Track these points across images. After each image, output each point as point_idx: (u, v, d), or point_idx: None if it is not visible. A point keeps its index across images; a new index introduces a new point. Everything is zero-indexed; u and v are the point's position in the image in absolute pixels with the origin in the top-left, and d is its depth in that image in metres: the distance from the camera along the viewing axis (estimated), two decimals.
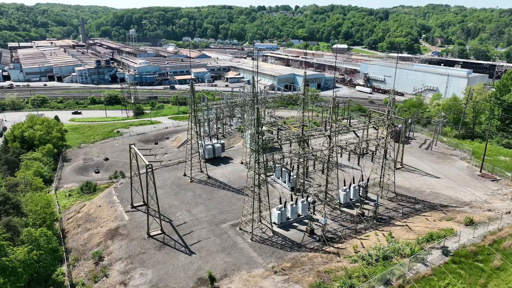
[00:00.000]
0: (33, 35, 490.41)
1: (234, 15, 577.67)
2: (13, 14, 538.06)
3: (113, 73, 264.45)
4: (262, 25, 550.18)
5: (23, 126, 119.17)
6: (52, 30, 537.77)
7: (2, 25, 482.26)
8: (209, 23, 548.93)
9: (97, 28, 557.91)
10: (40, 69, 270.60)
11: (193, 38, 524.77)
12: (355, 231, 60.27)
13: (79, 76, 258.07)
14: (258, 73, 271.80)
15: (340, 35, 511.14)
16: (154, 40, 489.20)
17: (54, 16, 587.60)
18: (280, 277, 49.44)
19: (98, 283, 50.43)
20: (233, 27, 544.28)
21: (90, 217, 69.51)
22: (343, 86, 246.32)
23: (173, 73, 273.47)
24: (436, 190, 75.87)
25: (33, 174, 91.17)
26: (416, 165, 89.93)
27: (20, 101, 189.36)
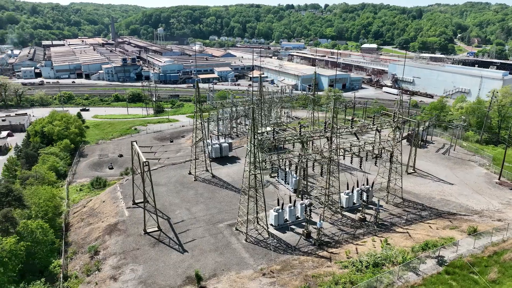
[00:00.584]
0: (66, 33, 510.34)
1: (261, 13, 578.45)
2: (48, 13, 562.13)
3: (138, 71, 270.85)
4: (289, 24, 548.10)
5: (44, 121, 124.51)
6: (84, 28, 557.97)
7: (38, 24, 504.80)
8: (236, 22, 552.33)
9: (126, 26, 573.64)
10: (70, 67, 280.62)
11: (219, 37, 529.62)
12: (353, 236, 59.22)
13: (106, 74, 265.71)
14: (282, 73, 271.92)
15: (370, 34, 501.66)
16: (181, 39, 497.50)
17: (87, 15, 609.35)
18: (268, 279, 49.35)
19: (90, 276, 52.12)
20: (260, 26, 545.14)
21: (94, 211, 71.85)
22: (369, 87, 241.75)
23: (197, 71, 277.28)
24: (446, 197, 73.32)
25: (48, 168, 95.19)
26: (429, 170, 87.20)
27: (48, 98, 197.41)
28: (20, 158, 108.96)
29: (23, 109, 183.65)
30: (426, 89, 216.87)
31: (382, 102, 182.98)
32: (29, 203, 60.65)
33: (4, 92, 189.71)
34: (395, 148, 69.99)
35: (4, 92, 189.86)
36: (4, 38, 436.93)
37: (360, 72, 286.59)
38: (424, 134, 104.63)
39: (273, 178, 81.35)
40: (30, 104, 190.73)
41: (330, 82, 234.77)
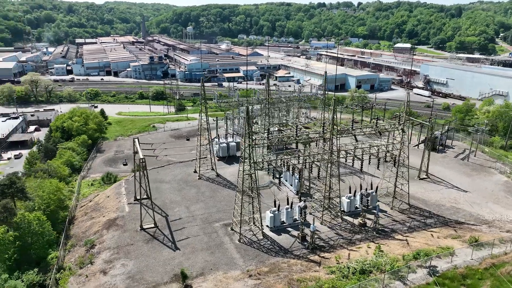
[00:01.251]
0: (99, 31, 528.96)
1: (291, 12, 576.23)
2: (83, 12, 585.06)
3: (165, 69, 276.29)
4: (320, 22, 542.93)
5: (64, 117, 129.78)
6: (117, 27, 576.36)
7: (73, 22, 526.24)
8: (265, 20, 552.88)
9: (157, 25, 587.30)
10: (99, 64, 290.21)
11: (248, 35, 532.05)
12: (349, 242, 58.16)
13: (133, 72, 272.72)
14: (308, 72, 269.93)
15: (404, 33, 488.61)
16: (210, 38, 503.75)
17: (119, 13, 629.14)
18: (253, 281, 49.38)
19: (82, 269, 54.04)
20: (290, 24, 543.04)
21: (98, 206, 74.32)
22: (399, 88, 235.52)
23: (222, 70, 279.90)
24: (457, 205, 70.59)
25: (63, 162, 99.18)
26: (444, 176, 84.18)
27: (76, 94, 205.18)
28: (40, 152, 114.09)
29: (52, 104, 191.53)
30: (460, 91, 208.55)
31: (411, 104, 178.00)
32: (33, 196, 63.60)
33: (35, 88, 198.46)
34: (401, 152, 67.97)
35: (35, 88, 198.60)
36: (41, 36, 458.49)
37: (391, 73, 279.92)
38: (443, 138, 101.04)
39: (277, 179, 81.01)
40: (59, 100, 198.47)
41: (357, 82, 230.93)
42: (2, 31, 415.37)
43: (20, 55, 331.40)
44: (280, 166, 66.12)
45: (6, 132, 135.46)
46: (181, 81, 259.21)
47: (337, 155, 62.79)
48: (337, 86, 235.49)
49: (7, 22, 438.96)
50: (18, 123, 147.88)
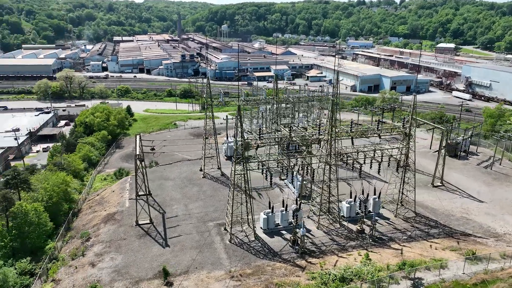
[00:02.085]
0: (137, 30, 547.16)
1: (329, 10, 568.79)
2: (122, 10, 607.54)
3: (196, 68, 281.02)
4: (358, 21, 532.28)
5: (87, 112, 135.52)
6: (154, 25, 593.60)
7: (112, 20, 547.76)
8: (302, 18, 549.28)
9: (192, 23, 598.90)
10: (133, 62, 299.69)
11: (283, 34, 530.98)
12: (342, 248, 56.96)
13: (165, 70, 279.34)
14: (341, 73, 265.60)
15: (448, 33, 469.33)
16: (245, 36, 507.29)
17: (157, 12, 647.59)
18: (234, 282, 49.57)
19: (74, 260, 56.40)
20: (327, 23, 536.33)
21: (102, 200, 77.18)
22: (438, 90, 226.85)
23: (253, 69, 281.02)
24: (469, 216, 67.26)
25: (81, 156, 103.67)
26: (461, 184, 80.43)
27: (107, 90, 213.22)
28: (62, 146, 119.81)
29: (84, 100, 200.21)
30: (505, 94, 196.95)
31: (449, 107, 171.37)
32: (38, 188, 67.09)
33: (69, 84, 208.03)
34: (407, 157, 65.64)
35: (70, 84, 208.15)
36: (82, 34, 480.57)
37: (430, 74, 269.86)
38: (467, 144, 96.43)
39: (282, 181, 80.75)
40: (91, 96, 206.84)
41: (392, 83, 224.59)
42: (45, 29, 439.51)
43: (60, 52, 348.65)
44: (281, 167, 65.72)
45: (37, 126, 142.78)
46: (211, 80, 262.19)
47: (336, 158, 61.61)
48: (370, 87, 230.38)
49: (50, 21, 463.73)
50: (49, 117, 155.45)
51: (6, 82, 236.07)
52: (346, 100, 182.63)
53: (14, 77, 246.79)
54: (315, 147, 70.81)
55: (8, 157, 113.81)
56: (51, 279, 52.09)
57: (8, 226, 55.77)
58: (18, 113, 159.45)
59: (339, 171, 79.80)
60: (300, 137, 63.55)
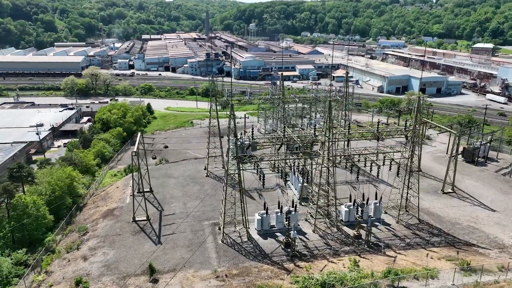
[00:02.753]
0: (166, 28, 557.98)
1: (360, 8, 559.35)
2: (152, 9, 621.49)
3: (220, 66, 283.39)
4: (390, 19, 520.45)
5: (105, 109, 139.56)
6: (182, 23, 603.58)
7: (142, 19, 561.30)
8: (331, 17, 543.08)
9: (221, 22, 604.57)
10: (159, 60, 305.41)
11: (312, 33, 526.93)
12: (334, 253, 56.12)
13: (190, 68, 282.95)
14: (367, 73, 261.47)
15: (487, 32, 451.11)
16: (272, 35, 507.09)
17: (186, 10, 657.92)
18: (217, 282, 49.89)
19: (69, 253, 58.37)
20: (357, 21, 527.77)
21: (106, 196, 79.40)
22: (471, 92, 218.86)
23: (277, 68, 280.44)
24: (476, 225, 64.68)
25: (94, 152, 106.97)
26: (475, 192, 77.41)
27: (130, 88, 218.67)
28: (79, 141, 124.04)
29: (108, 97, 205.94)
30: None
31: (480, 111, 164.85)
32: (42, 181, 69.84)
33: (95, 82, 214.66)
34: (409, 161, 63.83)
35: (95, 81, 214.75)
36: (111, 32, 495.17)
37: (463, 76, 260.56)
38: (486, 150, 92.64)
39: (285, 182, 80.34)
40: (115, 93, 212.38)
41: (421, 85, 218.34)
42: (77, 27, 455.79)
43: (89, 50, 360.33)
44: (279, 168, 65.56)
45: (60, 121, 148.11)
46: (235, 79, 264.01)
47: (333, 160, 60.74)
48: (398, 89, 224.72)
49: (82, 19, 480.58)
50: (73, 113, 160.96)
51: (37, 79, 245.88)
52: (371, 101, 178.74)
53: (44, 73, 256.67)
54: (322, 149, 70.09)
55: (30, 151, 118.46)
56: (44, 271, 54.12)
57: (9, 217, 58.43)
58: (44, 109, 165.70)
59: (345, 174, 79.01)
60: (295, 137, 63.07)
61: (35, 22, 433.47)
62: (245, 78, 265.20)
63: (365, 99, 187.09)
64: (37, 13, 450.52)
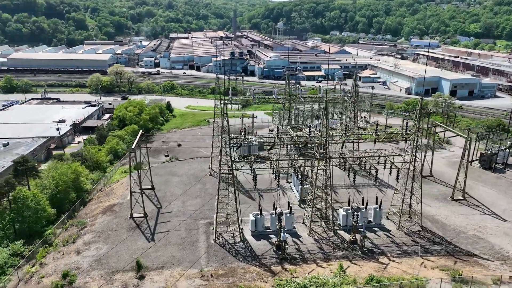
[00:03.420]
0: (194, 26, 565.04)
1: (392, 7, 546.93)
2: (181, 7, 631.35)
3: (244, 65, 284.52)
4: (424, 18, 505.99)
5: (122, 107, 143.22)
6: (210, 22, 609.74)
7: (170, 17, 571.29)
8: (362, 16, 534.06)
9: (248, 20, 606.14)
10: (184, 58, 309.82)
11: (341, 32, 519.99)
12: (325, 257, 55.43)
13: (214, 67, 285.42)
14: (395, 73, 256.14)
15: None
16: (300, 34, 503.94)
17: (215, 9, 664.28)
18: (201, 282, 50.35)
19: (65, 246, 60.42)
20: (389, 20, 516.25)
21: (111, 191, 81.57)
22: (507, 95, 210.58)
23: (302, 68, 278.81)
24: (483, 235, 62.22)
25: (108, 149, 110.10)
26: (487, 199, 74.48)
27: (153, 86, 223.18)
28: (96, 137, 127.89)
29: (131, 95, 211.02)
30: None
31: None
32: (47, 175, 72.58)
33: (119, 79, 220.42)
34: (411, 165, 62.06)
35: (120, 79, 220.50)
36: (140, 31, 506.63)
37: (499, 78, 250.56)
38: (505, 156, 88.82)
39: (288, 184, 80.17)
40: (138, 91, 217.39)
41: (452, 87, 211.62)
42: (107, 25, 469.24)
43: (117, 48, 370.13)
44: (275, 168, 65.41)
45: (81, 118, 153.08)
46: (258, 78, 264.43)
47: (329, 162, 59.97)
48: (427, 90, 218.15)
49: (112, 17, 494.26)
50: (94, 110, 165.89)
51: (66, 76, 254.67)
52: (397, 103, 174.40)
53: (73, 71, 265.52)
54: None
55: (50, 146, 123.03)
56: (38, 263, 56.28)
57: (10, 209, 61.12)
58: (68, 105, 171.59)
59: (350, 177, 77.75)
60: (289, 138, 62.73)
61: (67, 21, 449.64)
62: (269, 78, 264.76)
63: (390, 100, 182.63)
64: (69, 12, 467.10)
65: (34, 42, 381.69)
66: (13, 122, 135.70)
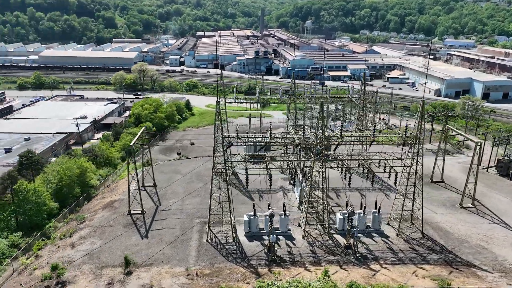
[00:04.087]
0: (221, 25, 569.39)
1: (426, 5, 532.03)
2: (209, 6, 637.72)
3: (269, 65, 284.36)
4: (460, 17, 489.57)
5: (138, 104, 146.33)
6: (238, 20, 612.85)
7: (198, 16, 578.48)
8: (393, 14, 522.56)
9: (276, 19, 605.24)
10: (208, 57, 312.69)
11: (372, 31, 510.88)
12: (315, 261, 54.85)
13: (238, 66, 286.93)
14: (425, 74, 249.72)
15: None
16: (329, 33, 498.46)
17: (243, 7, 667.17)
18: (186, 280, 50.91)
19: (61, 240, 62.47)
20: (422, 19, 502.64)
21: (115, 188, 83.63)
22: None
23: (327, 68, 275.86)
24: (488, 245, 59.84)
25: (120, 145, 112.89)
26: (499, 208, 71.64)
27: (176, 84, 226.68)
28: (112, 134, 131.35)
29: (153, 93, 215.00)
30: None
31: None
32: (52, 170, 75.20)
33: (143, 77, 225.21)
34: (410, 169, 60.42)
35: (143, 77, 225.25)
36: (168, 29, 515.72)
37: None
38: None
39: (290, 185, 79.76)
40: (161, 89, 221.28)
41: (484, 89, 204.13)
42: (135, 24, 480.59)
43: (143, 46, 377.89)
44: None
45: (102, 114, 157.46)
46: (282, 77, 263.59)
47: (324, 164, 59.23)
48: (458, 92, 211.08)
49: (141, 16, 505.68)
50: (115, 107, 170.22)
51: (93, 73, 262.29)
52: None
53: (100, 68, 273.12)
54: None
55: (69, 142, 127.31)
56: (34, 255, 58.48)
57: (13, 202, 63.81)
58: (90, 102, 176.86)
59: (355, 181, 76.50)
60: (281, 140, 62.41)
61: (97, 19, 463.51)
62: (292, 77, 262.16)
63: (417, 102, 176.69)
64: (99, 10, 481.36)
65: (65, 40, 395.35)
66: (37, 118, 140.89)
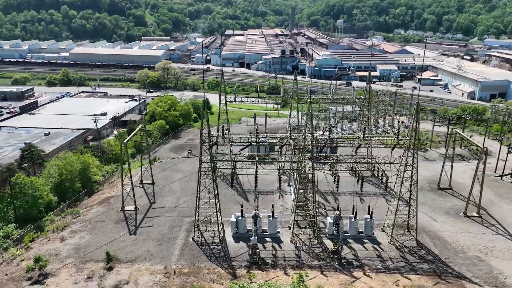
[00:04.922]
0: (251, 23, 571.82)
1: (466, 3, 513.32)
2: (239, 4, 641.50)
3: (295, 64, 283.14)
4: (502, 16, 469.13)
5: (153, 102, 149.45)
6: (268, 19, 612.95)
7: (228, 14, 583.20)
8: (430, 13, 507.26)
9: (307, 17, 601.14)
10: (234, 56, 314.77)
11: (407, 30, 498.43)
12: (297, 265, 54.36)
13: (264, 65, 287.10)
14: (458, 76, 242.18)
15: None
16: (362, 32, 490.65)
17: (274, 5, 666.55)
18: (162, 278, 51.70)
19: (54, 233, 64.83)
20: (461, 18, 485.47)
21: (117, 184, 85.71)
22: None
23: (356, 68, 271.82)
24: (486, 257, 57.41)
25: (132, 143, 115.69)
26: (506, 218, 68.83)
27: (198, 83, 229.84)
28: (127, 131, 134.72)
29: (176, 91, 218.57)
30: None
31: None
32: (53, 164, 78.10)
33: (166, 75, 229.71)
34: (400, 173, 58.74)
35: (167, 75, 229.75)
36: (197, 27, 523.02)
37: None
38: None
39: (290, 187, 79.34)
40: (184, 87, 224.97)
41: None
42: (165, 22, 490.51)
43: (171, 44, 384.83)
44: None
45: (122, 111, 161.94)
46: (308, 77, 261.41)
47: (312, 167, 58.54)
48: (494, 95, 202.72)
49: (170, 14, 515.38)
50: (136, 105, 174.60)
51: (120, 70, 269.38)
52: (452, 108, 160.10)
53: (127, 66, 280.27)
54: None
55: (87, 138, 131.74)
56: (25, 246, 61.00)
57: (11, 194, 66.80)
58: (112, 99, 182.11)
59: (355, 185, 75.21)
60: (268, 141, 62.12)
61: (128, 17, 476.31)
62: (319, 77, 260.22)
63: (448, 105, 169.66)
64: (130, 8, 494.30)
65: (96, 38, 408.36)
66: (60, 113, 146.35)
